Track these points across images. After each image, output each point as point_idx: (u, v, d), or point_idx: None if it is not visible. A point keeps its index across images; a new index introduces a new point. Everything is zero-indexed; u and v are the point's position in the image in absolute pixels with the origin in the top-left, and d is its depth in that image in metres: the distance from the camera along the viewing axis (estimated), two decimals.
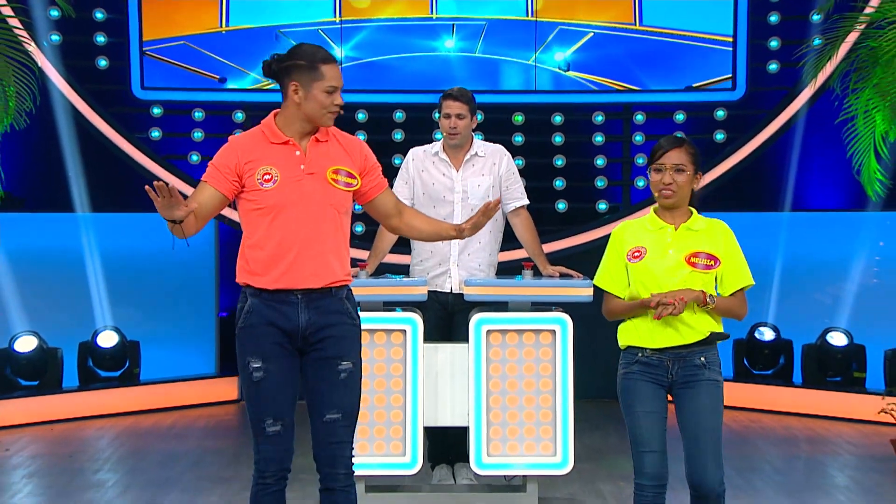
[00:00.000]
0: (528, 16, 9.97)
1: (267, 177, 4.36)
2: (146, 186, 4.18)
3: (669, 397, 4.52)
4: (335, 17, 9.96)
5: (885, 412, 7.65)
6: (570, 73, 9.97)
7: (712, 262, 4.45)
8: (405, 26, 10.00)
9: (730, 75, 9.90)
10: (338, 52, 9.76)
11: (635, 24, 9.90)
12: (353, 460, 4.52)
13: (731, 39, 9.88)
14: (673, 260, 4.46)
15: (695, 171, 4.52)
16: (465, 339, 6.28)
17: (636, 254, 4.50)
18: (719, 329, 4.50)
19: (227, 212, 8.79)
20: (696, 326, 4.43)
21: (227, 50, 10.04)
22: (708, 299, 4.40)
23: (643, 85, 10.03)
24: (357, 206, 4.80)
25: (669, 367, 4.46)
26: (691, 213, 4.56)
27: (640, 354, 4.49)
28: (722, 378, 4.52)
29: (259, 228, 4.38)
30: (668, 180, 4.48)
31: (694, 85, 9.97)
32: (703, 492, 4.42)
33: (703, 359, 4.45)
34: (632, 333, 4.52)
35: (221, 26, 9.98)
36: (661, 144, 4.55)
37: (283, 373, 4.39)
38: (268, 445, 4.41)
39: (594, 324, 8.32)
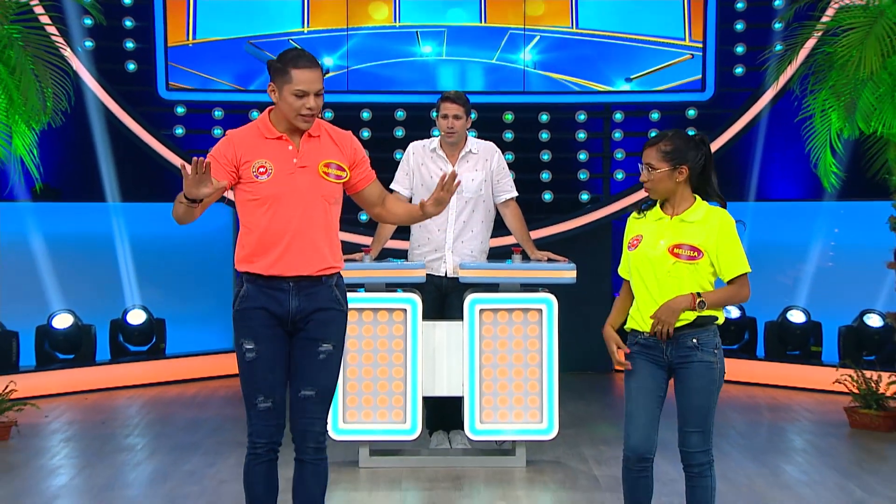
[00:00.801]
0: (481, 22, 9.90)
1: (262, 170, 4.25)
2: (181, 163, 4.04)
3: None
4: (303, 27, 9.86)
5: (839, 382, 7.68)
6: (556, 76, 9.94)
7: (695, 254, 4.28)
8: (383, 34, 9.89)
9: (680, 58, 9.86)
10: (327, 60, 9.69)
11: (571, 27, 9.83)
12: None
13: (700, 45, 9.88)
14: (661, 250, 4.31)
15: (672, 166, 4.34)
16: (459, 318, 6.30)
17: (634, 242, 4.38)
18: (711, 313, 4.33)
19: None
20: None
21: (196, 61, 9.88)
22: (697, 305, 4.25)
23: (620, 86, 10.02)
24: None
25: (665, 348, 4.34)
26: (694, 201, 4.40)
27: (638, 337, 4.40)
28: (718, 358, 4.34)
29: (254, 218, 4.28)
30: (644, 178, 4.38)
31: (631, 77, 9.92)
32: (689, 462, 4.39)
33: (695, 340, 4.31)
34: (633, 317, 4.43)
35: (188, 39, 9.85)
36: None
37: (273, 354, 4.28)
38: (259, 420, 4.29)
39: (578, 304, 8.42)
